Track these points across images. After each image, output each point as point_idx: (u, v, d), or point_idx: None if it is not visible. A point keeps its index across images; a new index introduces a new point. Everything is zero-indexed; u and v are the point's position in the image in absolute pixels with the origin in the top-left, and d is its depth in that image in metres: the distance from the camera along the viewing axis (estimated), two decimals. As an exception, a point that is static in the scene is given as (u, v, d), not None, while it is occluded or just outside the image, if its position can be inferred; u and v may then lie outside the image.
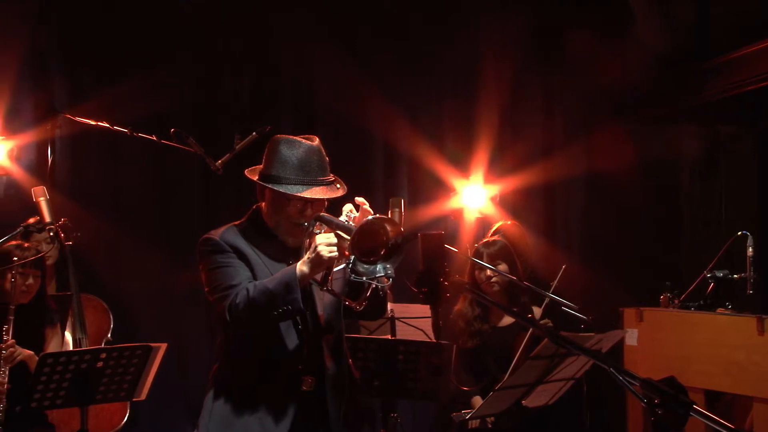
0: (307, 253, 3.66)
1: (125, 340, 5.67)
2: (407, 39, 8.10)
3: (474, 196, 8.00)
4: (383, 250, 3.54)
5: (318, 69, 7.90)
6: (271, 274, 3.77)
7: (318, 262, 3.61)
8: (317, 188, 3.79)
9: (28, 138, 7.37)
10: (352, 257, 3.54)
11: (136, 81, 7.34)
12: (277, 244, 3.89)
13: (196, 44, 7.71)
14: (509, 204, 8.04)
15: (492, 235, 6.55)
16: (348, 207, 3.80)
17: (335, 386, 3.85)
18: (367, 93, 7.80)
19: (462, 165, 8.07)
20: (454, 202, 8.05)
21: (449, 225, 8.05)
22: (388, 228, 3.55)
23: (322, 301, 3.88)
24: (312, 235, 3.70)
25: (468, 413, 4.91)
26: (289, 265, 3.76)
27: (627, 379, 2.28)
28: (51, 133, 7.41)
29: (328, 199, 3.86)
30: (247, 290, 3.66)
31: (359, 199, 3.81)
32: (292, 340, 3.78)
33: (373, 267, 3.55)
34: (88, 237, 6.82)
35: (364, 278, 3.56)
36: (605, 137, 8.17)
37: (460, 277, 6.28)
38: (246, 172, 3.95)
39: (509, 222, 7.01)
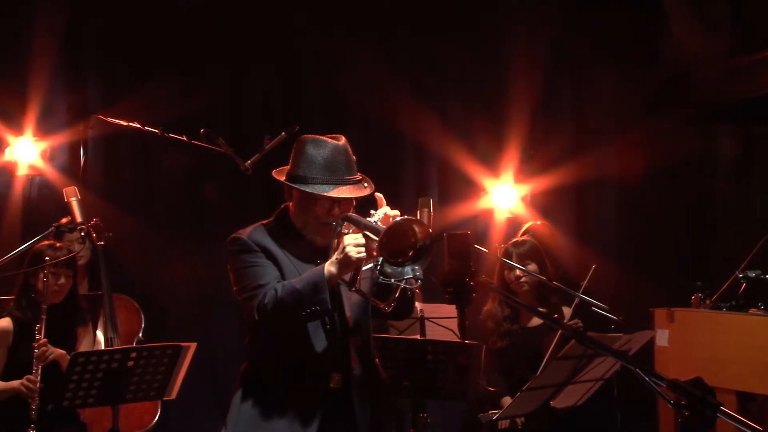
0: (335, 253, 3.65)
1: (156, 340, 5.70)
2: (437, 38, 8.09)
3: (504, 196, 7.98)
4: (411, 252, 3.52)
5: (348, 69, 7.90)
6: (298, 274, 3.77)
7: (346, 262, 3.61)
8: (344, 187, 3.79)
9: (61, 139, 7.47)
10: (380, 259, 3.52)
11: (168, 82, 7.41)
12: (304, 244, 3.89)
13: (227, 46, 7.74)
14: (540, 204, 8.01)
15: (522, 235, 6.52)
16: (383, 210, 3.77)
17: (362, 386, 3.84)
18: (398, 93, 7.80)
19: (492, 164, 8.04)
20: (484, 202, 8.04)
21: (479, 225, 8.04)
22: (417, 229, 3.52)
23: (350, 301, 3.88)
24: (340, 236, 3.69)
25: (495, 413, 4.89)
26: (316, 264, 3.76)
27: (654, 380, 2.26)
28: (84, 134, 7.50)
29: (355, 199, 3.85)
30: (276, 290, 3.67)
31: (378, 195, 3.81)
32: (319, 340, 3.78)
33: (401, 269, 3.53)
34: (120, 237, 6.89)
35: (392, 280, 3.54)
36: (637, 136, 8.11)
37: (488, 277, 6.29)
38: (273, 172, 3.95)
39: (539, 222, 6.99)
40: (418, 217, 5.19)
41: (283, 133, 5.85)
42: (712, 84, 7.99)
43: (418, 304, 6.08)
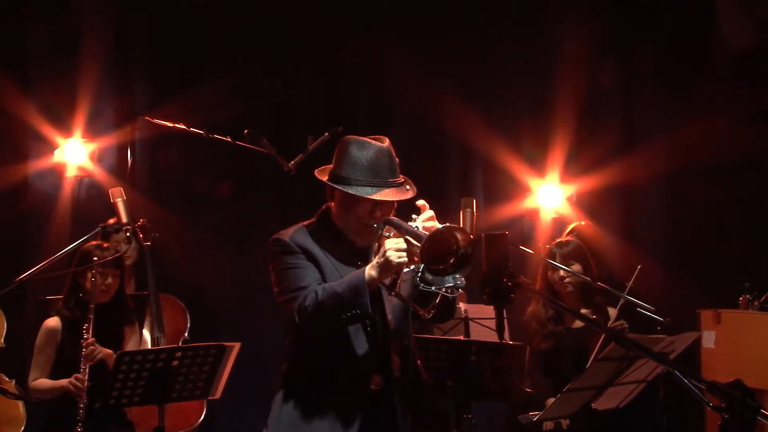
0: (376, 257, 3.66)
1: (203, 340, 5.74)
2: (483, 37, 8.06)
3: (550, 196, 7.92)
4: (452, 259, 3.50)
5: (393, 68, 7.91)
6: (339, 276, 3.78)
7: (387, 267, 3.61)
8: (387, 190, 3.78)
9: (109, 140, 7.57)
10: (421, 265, 3.51)
11: (215, 84, 7.47)
12: (346, 245, 3.90)
13: (272, 47, 7.79)
14: (586, 204, 7.94)
15: (566, 235, 6.48)
16: (425, 216, 3.75)
17: (404, 388, 3.84)
18: (443, 92, 7.78)
19: (538, 164, 8.00)
20: (529, 202, 7.99)
21: (524, 225, 7.99)
22: (459, 237, 3.50)
23: (390, 304, 3.87)
24: (381, 239, 3.69)
25: (535, 415, 4.87)
26: (357, 266, 3.77)
27: (692, 381, 2.24)
28: (131, 135, 7.58)
29: (397, 201, 3.85)
30: (316, 293, 3.68)
31: (421, 202, 3.79)
32: (360, 343, 3.79)
33: (441, 277, 3.51)
34: (167, 237, 6.95)
35: (433, 287, 3.53)
36: (686, 135, 8.00)
37: (533, 277, 6.26)
38: (315, 172, 3.96)
39: (583, 222, 6.94)
40: (461, 218, 5.21)
41: (327, 134, 5.87)
42: (761, 82, 7.88)
43: (462, 305, 6.08)
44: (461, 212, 5.28)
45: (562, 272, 5.78)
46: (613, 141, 8.06)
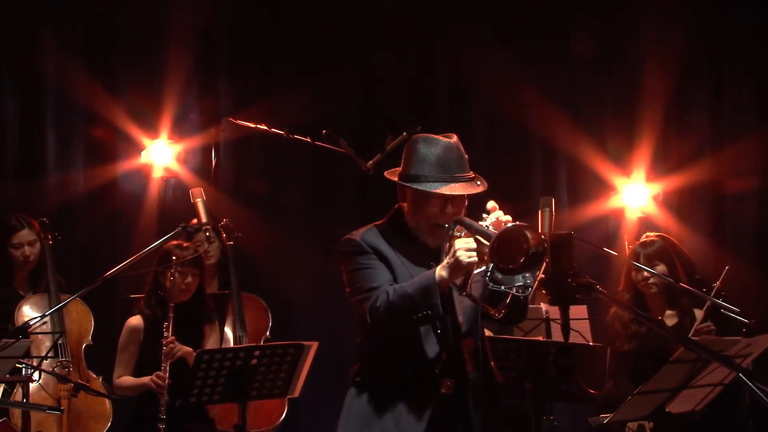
0: (447, 257, 3.63)
1: (285, 339, 5.76)
2: (567, 35, 7.96)
3: (636, 195, 7.76)
4: (523, 259, 3.46)
5: (477, 66, 7.86)
6: (410, 276, 3.77)
7: (457, 267, 3.59)
8: (456, 184, 3.76)
9: (194, 142, 7.70)
10: (491, 264, 3.48)
11: (299, 85, 7.54)
12: (417, 246, 3.88)
13: (353, 48, 7.82)
14: (673, 203, 7.77)
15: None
16: (496, 215, 3.71)
17: (476, 390, 3.81)
18: (527, 90, 7.70)
19: (623, 162, 7.84)
20: (614, 202, 7.84)
21: (610, 225, 7.86)
22: (529, 236, 3.45)
23: (462, 305, 3.84)
24: (452, 239, 3.66)
25: (605, 417, 4.78)
26: (428, 266, 3.75)
27: (757, 385, 2.16)
28: (216, 136, 7.70)
29: (468, 196, 3.82)
30: (387, 294, 3.68)
31: (491, 204, 3.74)
32: (431, 344, 3.77)
33: (512, 276, 3.48)
34: (250, 237, 7.04)
35: (502, 287, 3.50)
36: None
37: (618, 277, 6.16)
38: (386, 173, 3.97)
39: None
40: (539, 218, 5.15)
41: (404, 133, 5.84)
42: None
43: (543, 305, 6.00)
44: (540, 212, 5.23)
45: (645, 273, 5.68)
46: (702, 138, 7.86)
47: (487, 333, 5.83)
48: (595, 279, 6.95)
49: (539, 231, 3.55)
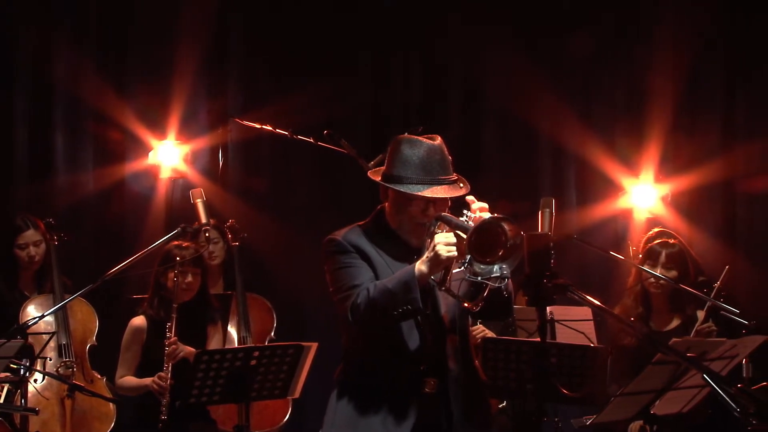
0: (426, 252, 3.64)
1: (290, 340, 5.76)
2: (577, 34, 7.92)
3: (644, 196, 7.71)
4: (501, 251, 3.47)
5: (486, 65, 7.86)
6: (393, 274, 3.76)
7: (436, 261, 3.59)
8: (439, 187, 3.77)
9: (202, 142, 7.72)
10: (468, 257, 3.49)
11: (308, 86, 7.53)
12: (399, 245, 3.88)
13: (362, 49, 7.83)
14: (681, 204, 7.72)
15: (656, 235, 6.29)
16: (475, 207, 3.72)
17: (460, 387, 3.81)
18: (536, 90, 7.68)
19: (632, 163, 7.80)
20: (622, 202, 7.79)
21: (618, 226, 7.82)
22: (507, 228, 3.47)
23: (447, 301, 3.84)
24: (432, 235, 3.68)
25: (589, 419, 4.76)
26: None
27: (722, 386, 2.14)
28: (223, 137, 7.72)
29: (450, 199, 3.82)
30: (368, 290, 3.69)
31: (469, 198, 3.75)
32: (414, 341, 3.78)
33: (489, 267, 3.48)
34: (257, 238, 7.05)
35: (479, 278, 3.50)
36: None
37: (626, 275, 6.13)
38: (369, 173, 3.99)
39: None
40: (540, 218, 5.14)
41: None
42: None
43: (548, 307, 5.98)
44: (540, 212, 5.22)
45: (657, 273, 5.66)
46: (712, 139, 7.80)
47: (489, 334, 5.87)
48: (604, 278, 7.01)
49: (517, 224, 3.53)
